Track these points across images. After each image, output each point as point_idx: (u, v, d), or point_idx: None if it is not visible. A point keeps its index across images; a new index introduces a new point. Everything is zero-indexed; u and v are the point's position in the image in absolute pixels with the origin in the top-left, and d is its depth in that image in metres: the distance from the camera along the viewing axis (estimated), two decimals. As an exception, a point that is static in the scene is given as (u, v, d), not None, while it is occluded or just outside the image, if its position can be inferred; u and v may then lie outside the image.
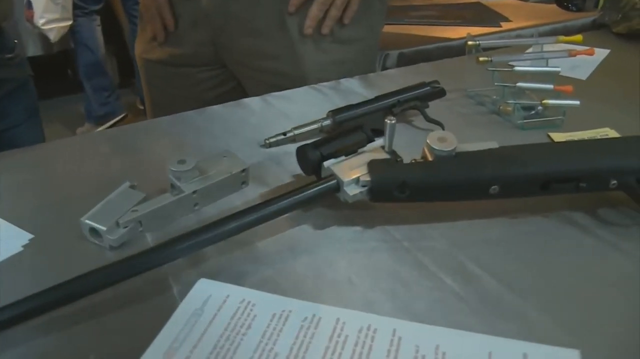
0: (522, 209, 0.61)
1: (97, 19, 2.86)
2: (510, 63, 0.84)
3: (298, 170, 0.64)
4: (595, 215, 0.61)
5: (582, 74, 1.02)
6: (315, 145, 0.60)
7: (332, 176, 0.57)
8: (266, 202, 0.55)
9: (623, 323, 0.48)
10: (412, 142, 0.71)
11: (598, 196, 0.62)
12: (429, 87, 0.81)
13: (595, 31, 1.34)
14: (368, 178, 0.57)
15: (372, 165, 0.57)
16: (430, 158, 0.58)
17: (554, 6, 1.55)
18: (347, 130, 0.62)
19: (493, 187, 0.57)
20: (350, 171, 0.58)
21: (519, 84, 0.81)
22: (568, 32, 1.36)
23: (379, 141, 0.61)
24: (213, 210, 0.63)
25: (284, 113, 0.86)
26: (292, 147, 0.71)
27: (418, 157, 0.60)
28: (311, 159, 0.59)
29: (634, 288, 0.52)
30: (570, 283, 0.52)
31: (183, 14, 1.01)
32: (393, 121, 0.58)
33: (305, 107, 0.87)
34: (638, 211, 0.61)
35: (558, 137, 0.78)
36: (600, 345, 0.46)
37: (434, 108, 0.84)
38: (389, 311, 0.49)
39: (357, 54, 1.02)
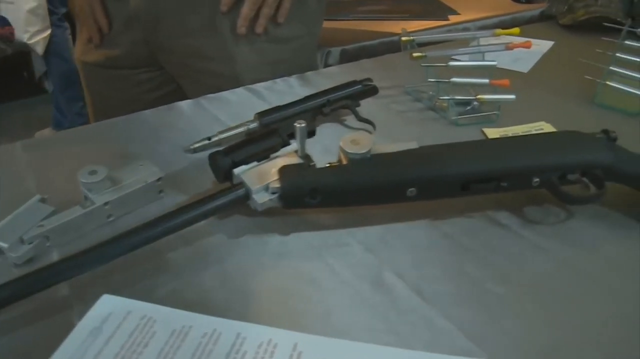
0: (445, 210, 0.59)
1: (68, 28, 2.80)
2: (454, 57, 0.82)
3: (221, 177, 0.62)
4: (520, 214, 0.60)
5: (524, 66, 1.01)
6: (226, 151, 0.58)
7: (242, 183, 0.55)
8: (173, 213, 0.53)
9: (535, 327, 0.47)
10: None
11: (525, 194, 0.61)
12: (360, 86, 0.79)
13: (542, 23, 1.33)
14: (278, 185, 0.54)
15: (283, 171, 0.55)
16: (344, 162, 0.56)
17: (505, -2, 1.55)
18: (261, 135, 0.60)
19: (410, 189, 0.55)
20: (261, 178, 0.55)
21: (453, 79, 0.79)
22: (516, 24, 1.35)
23: (292, 146, 0.58)
24: (128, 222, 0.60)
25: (216, 116, 0.83)
26: None
27: (334, 160, 0.58)
28: (221, 166, 0.57)
29: (549, 289, 0.50)
30: (485, 287, 0.51)
31: (116, 15, 0.98)
32: (303, 125, 0.56)
33: (238, 109, 0.85)
34: (561, 207, 0.60)
35: (492, 132, 0.76)
36: (510, 352, 0.44)
37: (370, 106, 0.82)
38: (296, 324, 0.46)
39: (294, 53, 0.99)
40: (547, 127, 0.78)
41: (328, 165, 0.57)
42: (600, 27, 1.09)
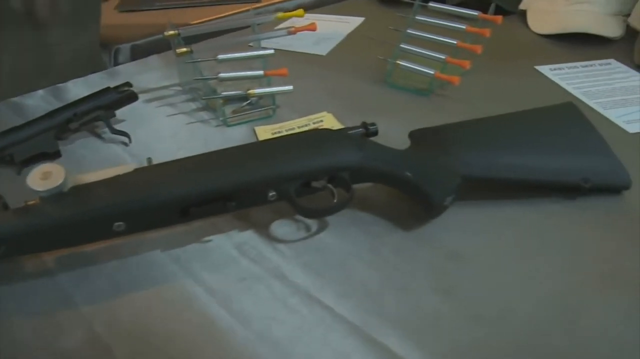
0: (179, 235, 0.51)
1: None
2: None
3: None
4: (265, 233, 0.52)
5: (324, 49, 0.94)
6: None
7: None
8: None
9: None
10: (97, 158, 0.65)
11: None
12: (114, 93, 0.69)
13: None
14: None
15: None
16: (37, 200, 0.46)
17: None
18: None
19: (117, 224, 0.46)
20: None
21: (220, 75, 0.70)
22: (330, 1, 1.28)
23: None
24: None
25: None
26: None
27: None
28: None
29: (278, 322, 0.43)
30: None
31: None
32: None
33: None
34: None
35: (263, 131, 0.69)
36: None
37: (140, 109, 0.73)
38: None
39: (71, 58, 0.87)
40: (328, 118, 0.71)
41: (24, 203, 0.47)
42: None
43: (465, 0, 1.06)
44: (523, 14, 1.09)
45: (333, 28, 1.02)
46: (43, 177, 0.46)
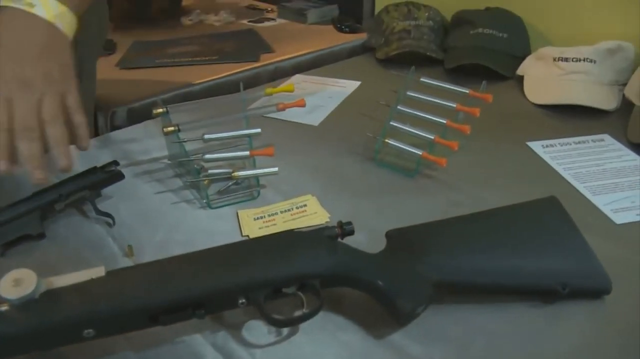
0: (151, 336, 0.51)
1: None
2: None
3: None
4: (237, 335, 0.52)
5: (317, 118, 0.94)
6: None
7: None
8: None
9: None
10: (80, 241, 0.66)
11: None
12: (100, 173, 0.70)
13: (361, 56, 1.28)
14: None
15: None
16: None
17: (331, 27, 1.49)
18: None
19: (87, 331, 0.47)
20: None
21: (206, 156, 0.71)
22: (336, 58, 1.30)
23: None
24: None
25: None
26: None
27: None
28: None
29: None
30: None
31: None
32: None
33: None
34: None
35: (246, 215, 0.69)
36: None
37: (128, 184, 0.73)
38: None
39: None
40: (312, 202, 0.71)
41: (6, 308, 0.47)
42: (418, 61, 1.05)
43: (462, 65, 1.08)
44: (520, 79, 1.09)
45: (328, 94, 1.03)
46: (15, 284, 0.46)
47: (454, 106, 0.82)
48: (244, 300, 0.50)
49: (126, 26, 1.49)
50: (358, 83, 1.08)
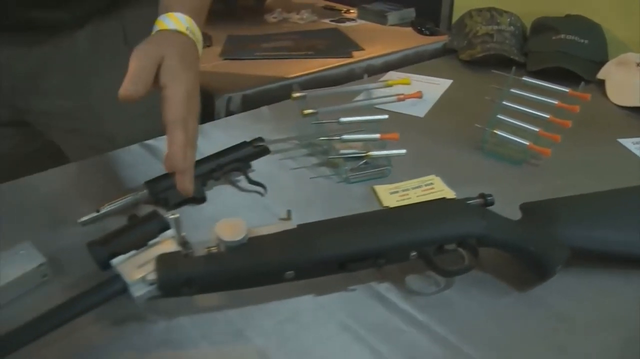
0: (326, 283, 0.59)
1: None
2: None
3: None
4: (401, 285, 0.61)
5: (421, 110, 1.03)
6: (103, 241, 0.56)
7: (118, 276, 0.54)
8: (48, 315, 0.51)
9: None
10: (234, 204, 0.74)
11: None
12: (250, 147, 0.79)
13: (445, 57, 1.36)
14: (154, 276, 0.53)
15: (160, 261, 0.54)
16: (221, 248, 0.56)
17: (410, 29, 1.57)
18: (139, 220, 0.58)
19: (288, 272, 0.55)
20: (138, 269, 0.54)
21: (343, 136, 0.80)
22: (420, 58, 1.39)
23: (171, 231, 0.57)
24: (11, 310, 0.58)
25: (108, 179, 0.81)
26: (110, 223, 0.69)
27: (213, 243, 0.57)
28: (99, 258, 0.55)
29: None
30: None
31: None
32: (177, 216, 0.55)
33: (125, 172, 0.83)
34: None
35: (382, 189, 0.78)
36: None
37: (264, 162, 0.82)
38: None
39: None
40: (436, 182, 0.80)
41: (207, 250, 0.56)
42: (499, 63, 1.13)
43: (545, 69, 1.16)
44: (598, 83, 1.17)
45: (425, 89, 1.11)
46: (229, 230, 0.55)
47: (555, 102, 0.90)
48: (415, 253, 0.58)
49: (215, 22, 1.58)
50: (450, 81, 1.16)
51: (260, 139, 0.81)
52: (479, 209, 0.62)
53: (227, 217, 0.57)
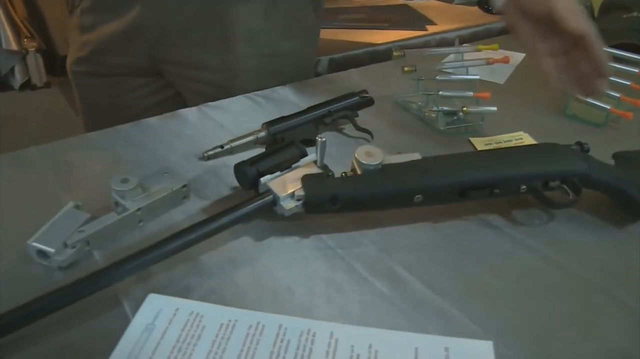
0: (444, 214, 0.67)
1: None
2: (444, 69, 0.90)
3: (236, 182, 0.68)
4: (508, 217, 0.68)
5: (500, 78, 1.10)
6: (252, 162, 0.64)
7: (269, 191, 0.62)
8: (208, 220, 0.59)
9: (529, 314, 0.55)
10: (343, 150, 0.79)
11: (511, 200, 0.69)
12: (357, 97, 0.86)
13: (508, 35, 1.42)
14: (302, 193, 0.61)
15: (306, 180, 0.62)
16: (359, 171, 0.63)
17: (476, 8, 1.64)
18: (281, 146, 0.66)
19: (417, 196, 0.63)
20: (286, 186, 0.62)
21: (441, 92, 0.87)
22: (489, 34, 1.45)
23: (311, 156, 0.65)
24: (156, 226, 0.66)
25: (220, 124, 0.89)
26: (230, 160, 0.76)
27: (348, 169, 0.65)
28: (249, 176, 0.63)
29: (538, 281, 0.59)
30: (484, 281, 0.59)
31: (116, 28, 1.01)
32: (324, 139, 0.63)
33: (240, 117, 0.91)
34: (544, 211, 0.68)
35: (477, 141, 0.85)
36: (510, 335, 0.52)
37: (364, 116, 0.89)
38: (326, 316, 0.53)
39: (293, 67, 1.06)
40: (525, 137, 0.86)
41: (344, 174, 0.64)
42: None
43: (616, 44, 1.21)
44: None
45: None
46: (367, 155, 0.63)
47: (635, 71, 0.96)
48: (524, 187, 0.66)
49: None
50: (523, 55, 1.23)
51: (364, 91, 0.88)
52: (580, 153, 0.69)
53: (366, 144, 0.65)
